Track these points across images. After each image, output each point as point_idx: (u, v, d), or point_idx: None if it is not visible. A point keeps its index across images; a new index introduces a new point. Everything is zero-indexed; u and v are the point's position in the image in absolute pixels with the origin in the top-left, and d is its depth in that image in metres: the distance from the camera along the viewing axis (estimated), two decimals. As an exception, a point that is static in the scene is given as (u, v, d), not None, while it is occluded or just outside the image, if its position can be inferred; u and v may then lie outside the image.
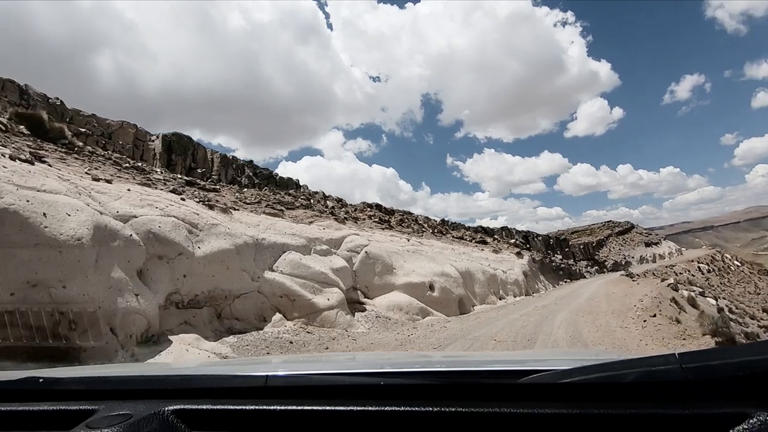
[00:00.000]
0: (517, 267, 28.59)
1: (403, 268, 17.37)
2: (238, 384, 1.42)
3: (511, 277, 26.21)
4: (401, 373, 1.59)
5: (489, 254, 28.65)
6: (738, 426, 0.87)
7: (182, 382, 1.45)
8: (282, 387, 1.34)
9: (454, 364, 2.18)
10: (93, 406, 1.26)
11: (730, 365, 0.96)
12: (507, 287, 24.94)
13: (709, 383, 0.97)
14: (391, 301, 15.62)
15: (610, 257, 71.88)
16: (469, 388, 1.20)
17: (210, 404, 1.21)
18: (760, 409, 0.88)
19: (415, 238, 22.91)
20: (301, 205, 19.73)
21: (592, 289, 27.95)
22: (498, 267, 25.81)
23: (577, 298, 22.73)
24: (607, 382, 1.07)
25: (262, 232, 14.05)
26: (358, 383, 1.29)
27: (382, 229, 22.33)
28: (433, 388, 1.23)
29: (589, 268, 57.50)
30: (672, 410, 0.96)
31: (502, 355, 4.93)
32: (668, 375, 1.00)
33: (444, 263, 19.96)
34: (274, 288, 12.64)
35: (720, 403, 0.94)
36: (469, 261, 23.28)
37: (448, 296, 17.79)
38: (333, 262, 15.22)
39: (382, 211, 28.76)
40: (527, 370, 1.26)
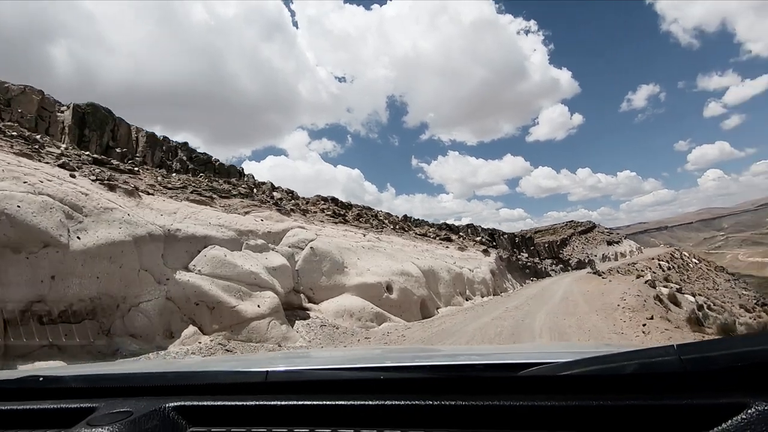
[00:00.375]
0: (484, 265, 26.54)
1: (356, 267, 14.89)
2: (239, 380, 1.40)
3: (478, 276, 24.12)
4: (401, 367, 1.49)
5: (454, 252, 26.53)
6: (736, 416, 0.87)
7: (182, 378, 1.44)
8: (282, 382, 1.33)
9: (453, 357, 1.97)
10: (93, 404, 1.26)
11: (727, 356, 0.94)
12: (474, 287, 22.83)
13: (707, 374, 0.96)
14: (340, 305, 13.11)
15: (574, 256, 71.42)
16: (470, 382, 1.19)
17: (210, 400, 1.21)
18: (757, 399, 0.88)
19: (373, 234, 20.45)
20: (239, 194, 16.97)
21: (563, 288, 26.70)
22: (464, 265, 23.66)
23: (550, 297, 20.93)
24: (606, 374, 1.06)
25: (179, 222, 11.32)
26: (359, 378, 1.29)
27: (335, 224, 19.79)
28: (433, 382, 1.22)
29: (554, 267, 56.47)
30: (670, 401, 0.95)
31: (501, 348, 4.66)
32: (667, 366, 0.99)
33: (404, 261, 17.60)
34: (188, 293, 9.96)
35: (718, 394, 0.93)
36: (432, 259, 21.02)
37: (409, 298, 15.42)
38: (270, 259, 12.61)
39: (339, 205, 26.15)
40: (527, 363, 1.20)
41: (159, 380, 1.44)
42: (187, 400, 1.21)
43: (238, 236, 12.44)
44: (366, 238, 18.64)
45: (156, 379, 1.46)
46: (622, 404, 0.97)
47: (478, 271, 24.59)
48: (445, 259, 22.60)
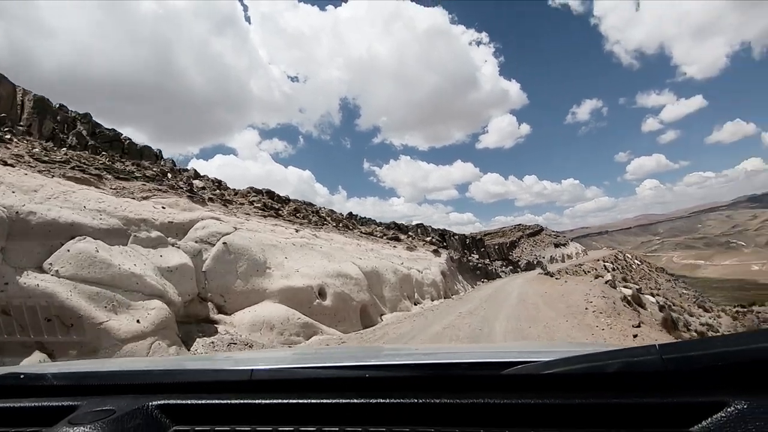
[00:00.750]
0: (435, 266, 24.51)
1: (282, 268, 12.33)
2: (223, 378, 1.38)
3: (428, 278, 22.04)
4: (386, 365, 1.46)
5: (402, 252, 24.40)
6: (716, 414, 0.89)
7: (166, 376, 1.41)
8: (266, 381, 1.31)
9: (438, 356, 2.01)
10: (75, 402, 1.24)
11: (708, 356, 0.95)
12: (423, 289, 20.71)
13: (688, 374, 0.98)
14: (258, 316, 10.53)
15: (523, 257, 71.19)
16: (454, 380, 1.20)
17: (194, 399, 1.19)
18: (736, 398, 0.90)
19: (310, 230, 17.89)
20: (145, 177, 14.00)
21: (517, 289, 25.22)
22: (413, 266, 21.50)
23: (506, 299, 19.14)
24: (590, 372, 1.07)
25: (37, 203, 8.47)
26: (343, 376, 1.28)
27: (263, 217, 17.04)
28: (418, 380, 1.22)
29: (504, 268, 55.57)
30: (652, 399, 0.97)
31: (485, 347, 4.21)
32: (649, 366, 1.01)
33: (344, 261, 15.19)
34: (36, 303, 7.16)
35: (699, 393, 0.96)
36: (377, 259, 18.72)
37: (346, 304, 13.01)
38: (165, 257, 9.89)
39: (274, 198, 23.34)
40: (511, 362, 1.19)
41: (142, 378, 1.41)
42: (171, 399, 1.20)
43: (124, 226, 9.66)
44: (299, 234, 16.06)
45: (139, 377, 1.43)
46: (604, 402, 0.99)
47: (428, 273, 22.51)
48: (391, 259, 20.37)
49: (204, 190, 17.54)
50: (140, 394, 1.25)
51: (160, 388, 1.31)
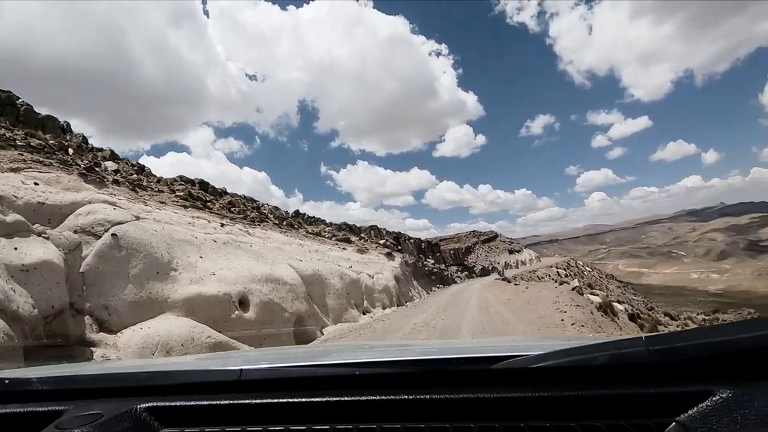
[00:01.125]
0: (388, 270, 22.36)
1: (193, 269, 9.82)
2: (212, 378, 1.35)
3: (380, 283, 19.86)
4: (376, 362, 1.46)
5: (353, 254, 22.13)
6: (701, 403, 0.91)
7: (154, 378, 1.38)
8: (256, 380, 1.28)
9: (429, 352, 1.87)
10: (62, 407, 1.21)
11: (693, 347, 0.97)
12: (374, 296, 18.51)
13: (674, 364, 1.00)
14: (151, 335, 7.99)
15: (478, 263, 70.27)
16: (445, 375, 1.19)
17: (183, 400, 1.17)
18: (721, 387, 0.92)
19: (241, 226, 15.33)
20: (28, 147, 11.13)
21: (476, 295, 23.52)
22: (363, 270, 19.27)
23: (466, 307, 17.28)
24: (578, 365, 1.08)
25: None
26: (333, 374, 1.26)
27: (183, 207, 14.32)
28: (408, 376, 1.21)
29: (459, 273, 54.17)
30: (640, 390, 0.98)
31: (476, 342, 4.59)
32: (636, 357, 1.01)
33: (278, 263, 12.76)
34: None
35: (685, 383, 0.97)
36: (321, 261, 16.38)
37: (276, 316, 10.62)
38: (22, 250, 7.32)
39: (207, 190, 20.50)
40: (500, 356, 1.20)
41: (130, 381, 1.38)
42: (159, 401, 1.18)
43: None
44: (225, 229, 13.48)
45: (127, 380, 1.40)
46: (593, 394, 1.00)
47: (380, 278, 20.33)
48: (338, 262, 18.07)
49: (117, 173, 14.69)
50: (128, 397, 1.23)
51: (148, 390, 1.28)
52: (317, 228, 26.63)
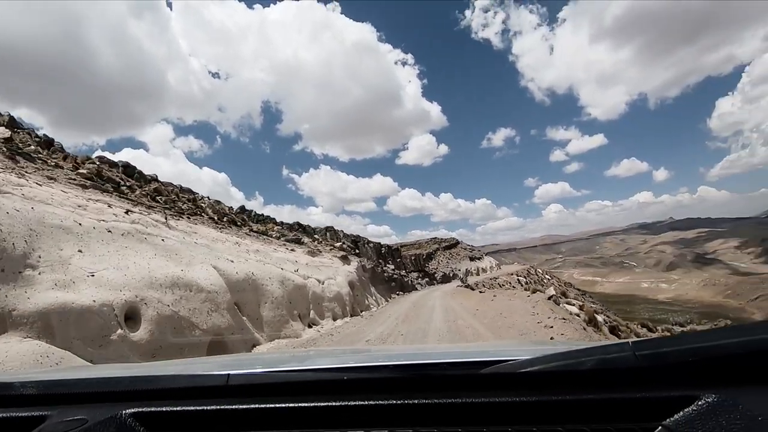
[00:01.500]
0: (342, 275, 19.89)
1: (63, 268, 7.13)
2: (199, 384, 1.31)
3: (332, 290, 17.33)
4: (365, 367, 1.46)
5: (302, 256, 19.61)
6: (687, 408, 0.91)
7: (139, 383, 1.34)
8: (243, 386, 1.25)
9: (416, 356, 1.93)
10: (45, 412, 1.19)
11: (679, 352, 0.98)
12: (323, 305, 15.97)
13: (660, 369, 1.00)
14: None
15: (439, 269, 68.45)
16: (432, 380, 1.18)
17: (169, 406, 1.15)
18: (707, 392, 0.92)
19: (158, 216, 12.53)
20: None
21: (439, 304, 21.44)
22: (312, 275, 16.76)
23: (429, 318, 15.16)
24: (566, 370, 1.08)
25: None
26: (321, 379, 1.26)
27: (82, 188, 11.38)
28: (396, 381, 1.20)
29: (420, 280, 52.16)
30: (627, 395, 0.98)
31: (463, 346, 4.20)
32: (623, 362, 1.02)
33: (197, 263, 10.10)
34: None
35: (671, 387, 0.97)
36: (259, 263, 13.80)
37: (182, 335, 7.94)
38: None
39: (133, 176, 17.42)
40: (489, 361, 1.23)
41: (115, 386, 1.34)
42: (145, 406, 1.16)
43: None
44: (131, 217, 10.68)
45: (112, 385, 1.35)
46: (580, 399, 1.00)
47: (332, 284, 17.82)
48: (282, 264, 15.51)
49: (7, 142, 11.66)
50: (113, 403, 1.21)
51: (133, 395, 1.25)
52: (264, 226, 23.92)
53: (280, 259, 16.53)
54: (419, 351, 2.85)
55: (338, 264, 21.81)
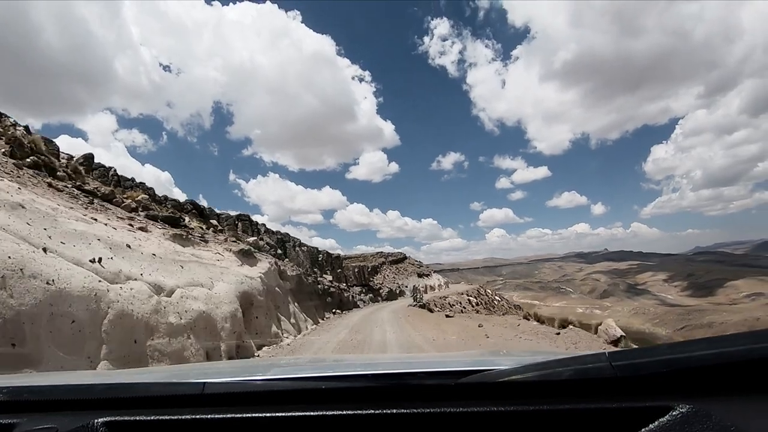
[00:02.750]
0: (230, 282, 11.21)
1: None
2: (173, 392, 1.25)
3: (194, 308, 8.64)
4: (343, 376, 1.40)
5: (162, 244, 10.90)
6: (662, 418, 0.91)
7: (112, 391, 1.30)
8: (220, 394, 1.21)
9: (395, 366, 1.89)
10: (14, 419, 1.13)
11: (655, 363, 0.98)
12: (155, 341, 7.27)
13: (636, 379, 1.00)
14: None
15: (385, 285, 60.06)
16: (411, 390, 1.17)
17: (143, 414, 1.11)
18: (681, 402, 0.93)
19: None
20: None
21: (391, 330, 15.52)
22: (149, 275, 8.09)
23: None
24: (542, 380, 1.08)
25: None
26: (299, 388, 1.22)
27: None
28: (375, 391, 1.18)
29: (363, 296, 43.70)
30: (602, 405, 0.98)
31: (441, 356, 4.39)
32: (599, 372, 1.02)
33: None
34: None
35: (646, 398, 0.98)
36: None
37: None
38: None
39: None
40: (467, 371, 1.20)
41: (86, 393, 1.28)
42: (118, 415, 1.11)
43: None
44: None
45: (83, 392, 1.29)
46: (557, 408, 0.99)
47: (200, 295, 9.18)
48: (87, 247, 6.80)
49: None
50: (85, 411, 1.15)
51: (106, 403, 1.20)
52: (119, 191, 14.55)
53: (87, 234, 7.81)
54: (398, 360, 2.86)
55: (232, 265, 13.12)
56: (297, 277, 20.40)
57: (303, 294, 20.72)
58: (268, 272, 15.01)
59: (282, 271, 17.92)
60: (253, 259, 15.00)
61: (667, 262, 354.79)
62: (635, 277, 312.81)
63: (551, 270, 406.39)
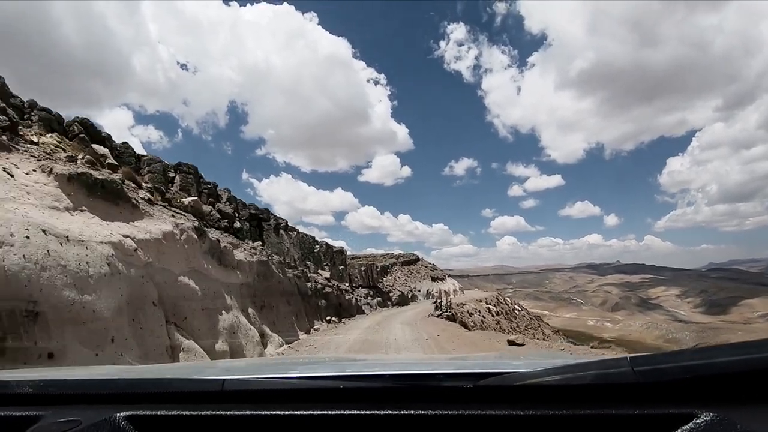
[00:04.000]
0: None
1: None
2: (193, 388, 1.25)
3: None
4: (361, 376, 1.39)
5: None
6: (684, 426, 0.88)
7: (134, 386, 1.30)
8: (239, 392, 1.20)
9: (413, 367, 1.78)
10: (40, 412, 1.13)
11: (678, 368, 0.95)
12: None
13: (658, 385, 0.97)
14: None
15: (396, 287, 52.04)
16: (429, 391, 1.16)
17: (163, 410, 1.11)
18: (704, 409, 0.89)
19: None
20: None
21: None
22: None
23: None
24: (563, 384, 1.04)
25: None
26: (318, 387, 1.21)
27: None
28: (393, 391, 1.16)
29: (369, 299, 35.90)
30: (624, 411, 0.95)
31: (461, 358, 4.04)
32: (620, 378, 0.99)
33: None
34: None
35: (668, 405, 0.94)
36: None
37: None
38: None
39: None
40: (486, 373, 1.16)
41: (110, 388, 1.30)
42: (139, 410, 1.10)
43: None
44: None
45: (106, 387, 1.31)
46: (577, 413, 0.96)
47: None
48: None
49: None
50: (107, 405, 1.15)
51: (127, 398, 1.20)
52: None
53: None
54: (416, 361, 2.77)
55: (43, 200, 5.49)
56: (259, 266, 12.54)
57: (272, 294, 12.91)
58: (167, 241, 7.24)
59: (222, 250, 10.12)
60: (125, 208, 7.24)
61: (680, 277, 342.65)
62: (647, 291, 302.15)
63: (562, 280, 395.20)
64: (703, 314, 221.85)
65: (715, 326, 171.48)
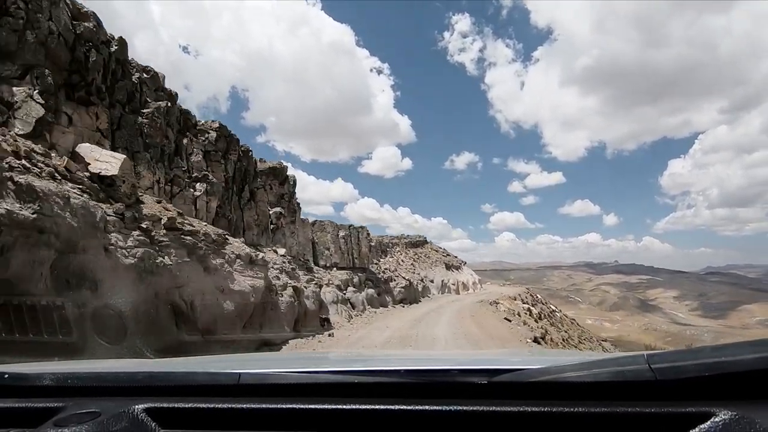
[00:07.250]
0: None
1: None
2: (210, 381, 1.24)
3: None
4: (375, 371, 1.31)
5: None
6: (702, 424, 0.84)
7: (153, 379, 1.27)
8: (255, 385, 1.19)
9: (427, 362, 1.79)
10: (60, 404, 1.12)
11: (696, 366, 0.90)
12: None
13: (676, 383, 0.93)
14: None
15: (399, 275, 33.61)
16: (442, 387, 1.13)
17: (181, 402, 1.09)
18: (723, 408, 0.85)
19: None
20: None
21: None
22: None
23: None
24: (578, 381, 1.01)
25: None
26: (332, 381, 1.18)
27: None
28: (407, 386, 1.13)
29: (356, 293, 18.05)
30: (640, 408, 0.91)
31: (475, 353, 4.16)
32: (637, 375, 0.96)
33: None
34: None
35: (686, 402, 0.90)
36: None
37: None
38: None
39: None
40: (501, 369, 1.13)
41: (129, 380, 1.28)
42: (158, 402, 1.09)
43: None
44: None
45: (126, 380, 1.30)
46: (593, 411, 0.93)
47: None
48: None
49: None
50: (127, 397, 1.15)
51: (146, 390, 1.19)
52: None
53: None
54: (430, 357, 2.70)
55: None
56: None
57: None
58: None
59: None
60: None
61: (678, 279, 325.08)
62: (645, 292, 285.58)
63: (560, 278, 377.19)
64: (702, 317, 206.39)
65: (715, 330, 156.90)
